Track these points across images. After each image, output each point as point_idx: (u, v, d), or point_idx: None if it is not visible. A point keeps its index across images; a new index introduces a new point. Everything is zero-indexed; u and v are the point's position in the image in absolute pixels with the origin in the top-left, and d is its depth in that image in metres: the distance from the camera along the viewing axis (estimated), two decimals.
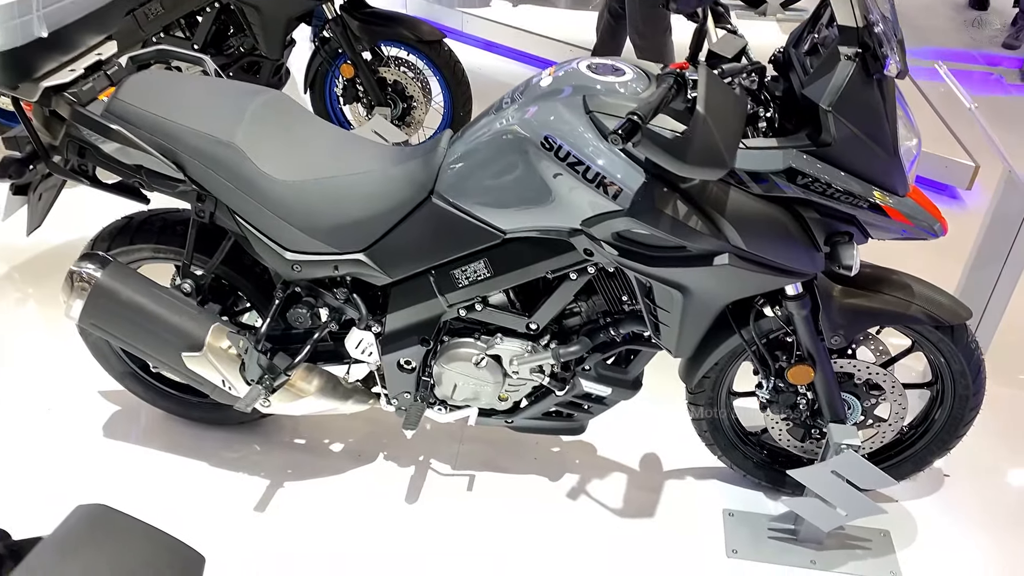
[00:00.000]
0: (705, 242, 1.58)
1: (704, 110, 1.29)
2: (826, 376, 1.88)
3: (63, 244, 3.05)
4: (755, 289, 1.70)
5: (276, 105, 1.88)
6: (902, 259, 2.06)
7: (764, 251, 1.60)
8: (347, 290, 1.91)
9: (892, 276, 1.86)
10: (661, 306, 1.72)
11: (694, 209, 1.56)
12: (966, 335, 1.88)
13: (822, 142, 1.52)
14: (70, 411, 2.39)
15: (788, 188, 1.54)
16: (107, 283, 1.84)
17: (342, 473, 2.25)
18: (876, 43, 1.44)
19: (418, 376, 1.98)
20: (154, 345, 1.89)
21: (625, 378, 1.96)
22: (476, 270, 1.80)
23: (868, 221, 1.62)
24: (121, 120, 1.76)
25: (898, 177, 1.59)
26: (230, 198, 1.79)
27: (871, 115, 1.52)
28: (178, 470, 2.23)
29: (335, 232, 1.80)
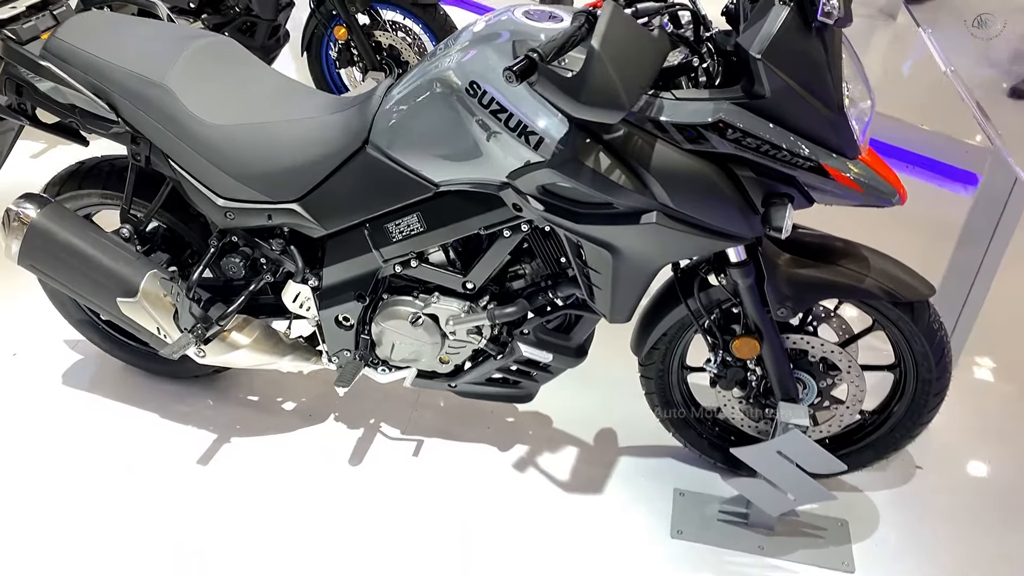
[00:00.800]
0: (630, 198, 1.50)
1: (599, 45, 1.21)
2: (774, 351, 1.78)
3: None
4: (690, 252, 1.61)
5: (218, 49, 1.85)
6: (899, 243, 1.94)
7: (694, 210, 1.51)
8: (283, 241, 1.87)
9: (848, 247, 1.75)
10: (592, 267, 1.65)
11: (618, 163, 1.48)
12: (927, 313, 1.76)
13: (755, 94, 1.42)
14: (34, 357, 2.41)
15: (719, 143, 1.45)
16: (42, 224, 1.84)
17: (290, 432, 2.22)
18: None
19: (356, 333, 1.93)
20: (90, 289, 1.88)
21: (567, 344, 1.89)
22: (410, 224, 1.75)
23: (809, 183, 1.51)
24: (57, 59, 1.75)
25: (845, 137, 1.48)
26: (162, 141, 1.77)
27: (810, 66, 1.42)
28: (129, 420, 2.23)
29: (267, 179, 1.76)
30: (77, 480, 2.05)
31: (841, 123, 1.47)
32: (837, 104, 1.45)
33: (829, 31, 1.43)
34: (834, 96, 1.45)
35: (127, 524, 1.94)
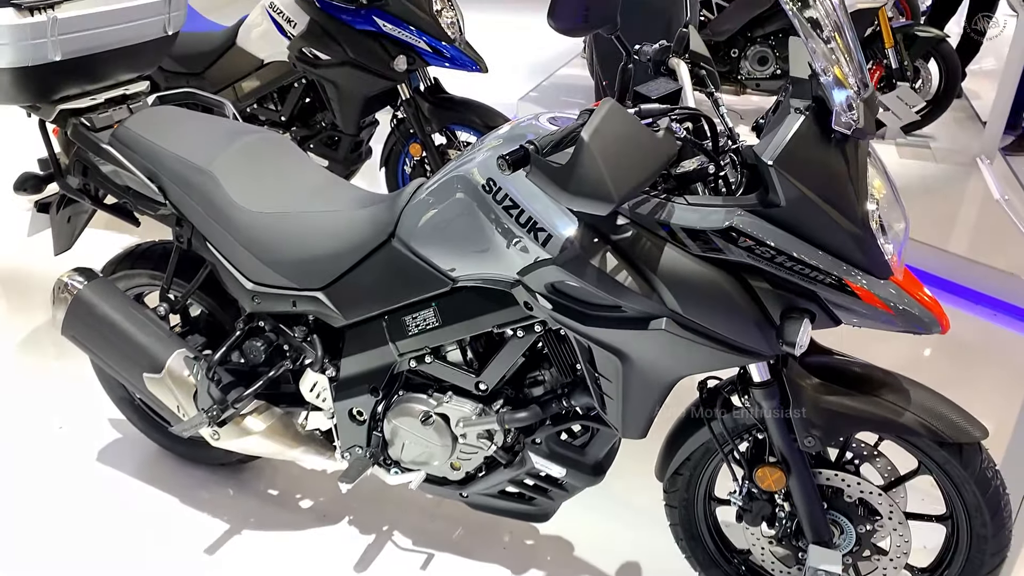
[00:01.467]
0: (639, 302, 1.44)
1: (588, 137, 1.19)
2: (803, 485, 1.63)
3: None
4: (704, 366, 1.52)
5: (268, 143, 1.95)
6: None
7: (706, 320, 1.43)
8: (307, 329, 1.89)
9: (888, 378, 1.61)
10: (602, 374, 1.57)
11: (626, 264, 1.43)
12: (979, 458, 1.58)
13: (770, 202, 1.37)
14: (78, 430, 2.47)
15: (730, 251, 1.39)
16: (87, 296, 1.92)
17: (301, 530, 2.16)
18: (825, 94, 1.31)
19: (369, 429, 1.90)
20: (120, 361, 1.93)
21: (582, 460, 1.79)
22: (426, 318, 1.73)
23: (833, 300, 1.42)
24: (121, 145, 1.88)
25: (871, 254, 1.39)
26: (202, 224, 1.85)
27: (828, 177, 1.36)
28: (151, 502, 2.23)
29: (295, 267, 1.80)
30: (86, 555, 2.04)
31: (867, 239, 1.38)
32: (861, 219, 1.38)
33: (851, 143, 1.38)
34: (857, 210, 1.38)
35: None
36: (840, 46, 1.37)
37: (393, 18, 3.16)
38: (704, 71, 1.67)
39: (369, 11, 3.15)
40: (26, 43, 1.71)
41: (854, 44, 1.43)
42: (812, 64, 1.30)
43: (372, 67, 3.20)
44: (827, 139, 1.35)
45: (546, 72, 5.82)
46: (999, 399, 2.21)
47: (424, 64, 3.27)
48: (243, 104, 3.56)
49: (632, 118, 1.26)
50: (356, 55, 3.18)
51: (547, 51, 6.05)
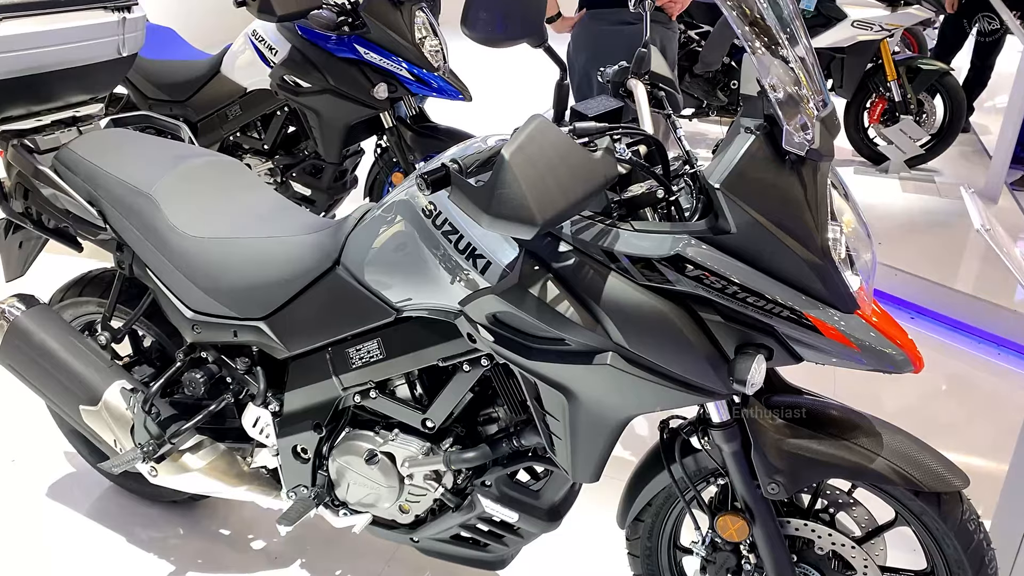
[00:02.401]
0: (581, 335, 1.34)
1: (508, 155, 1.10)
2: (767, 535, 1.50)
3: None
4: (654, 404, 1.41)
5: (218, 167, 1.88)
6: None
7: (653, 355, 1.32)
8: (249, 361, 1.79)
9: (862, 422, 1.49)
10: (549, 412, 1.46)
11: (567, 294, 1.33)
12: (959, 509, 1.45)
13: (719, 228, 1.26)
14: (30, 465, 2.38)
15: (677, 280, 1.28)
16: (24, 324, 1.85)
17: (250, 572, 2.05)
18: (775, 113, 1.21)
19: (313, 467, 1.79)
20: (57, 393, 1.85)
21: (536, 504, 1.67)
22: (370, 350, 1.63)
23: (791, 335, 1.31)
24: (64, 167, 1.82)
25: (832, 286, 1.28)
26: (142, 249, 1.77)
27: (782, 202, 1.25)
28: (98, 540, 2.13)
29: (236, 295, 1.71)
30: None
31: (827, 269, 1.27)
32: (821, 247, 1.27)
33: (809, 166, 1.28)
34: (816, 238, 1.27)
35: None
36: (794, 60, 1.28)
37: (374, 46, 3.11)
38: (663, 92, 1.58)
39: (350, 39, 3.11)
40: None
41: (810, 58, 1.34)
42: (760, 80, 1.21)
43: (353, 95, 3.14)
44: (780, 161, 1.25)
45: (540, 99, 5.77)
46: (992, 441, 2.07)
47: (407, 92, 3.21)
48: (226, 132, 3.52)
49: (563, 136, 1.16)
50: (337, 83, 3.13)
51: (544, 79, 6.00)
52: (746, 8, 1.24)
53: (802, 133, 1.22)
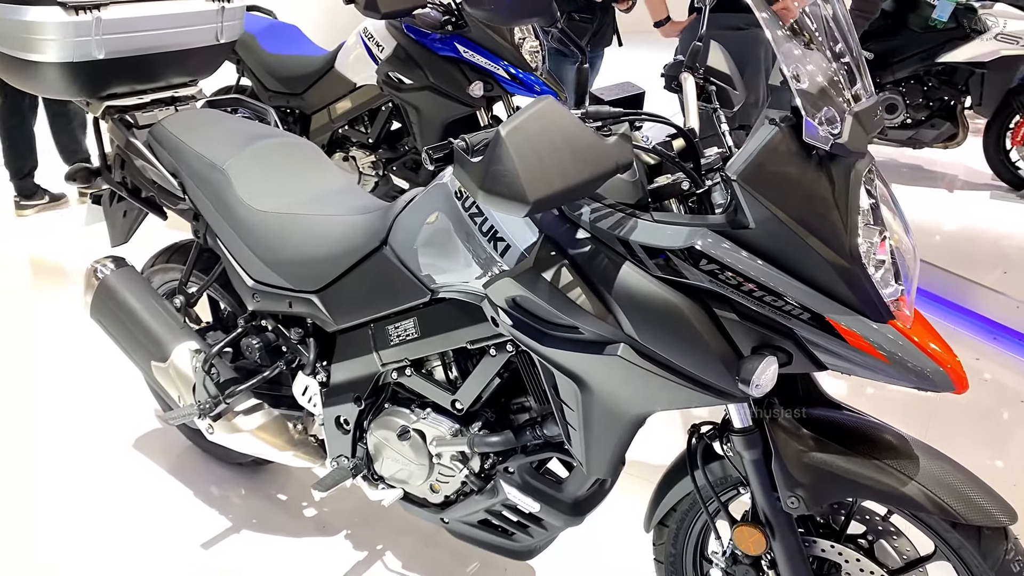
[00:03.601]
0: (594, 324, 1.32)
1: (506, 133, 1.10)
2: (786, 551, 1.43)
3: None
4: (667, 402, 1.37)
5: (291, 148, 1.98)
6: None
7: (664, 349, 1.29)
8: (303, 332, 1.88)
9: (899, 443, 1.39)
10: (565, 401, 1.45)
11: (581, 281, 1.32)
12: (1002, 546, 1.33)
13: (738, 223, 1.22)
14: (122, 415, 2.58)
15: (692, 274, 1.25)
16: (111, 282, 2.01)
17: (297, 537, 2.14)
18: (798, 103, 1.16)
19: (353, 439, 1.85)
20: (134, 347, 2.00)
21: (558, 496, 1.66)
22: (407, 328, 1.68)
23: (813, 340, 1.24)
24: (155, 141, 1.97)
25: (862, 292, 1.21)
26: (213, 220, 1.89)
27: (805, 198, 1.20)
28: (167, 490, 2.29)
29: (292, 268, 1.80)
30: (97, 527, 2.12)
31: (856, 274, 1.20)
32: (849, 250, 1.20)
33: (841, 165, 1.21)
34: (845, 240, 1.20)
35: None
36: (827, 48, 1.22)
37: (475, 45, 3.18)
38: (715, 87, 1.54)
39: (452, 38, 3.20)
40: (70, 40, 1.84)
41: (850, 45, 1.27)
42: (782, 67, 1.16)
43: (450, 92, 3.23)
44: (806, 156, 1.19)
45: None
46: None
47: (504, 92, 3.27)
48: (336, 125, 3.69)
49: (571, 118, 1.16)
50: (435, 80, 3.23)
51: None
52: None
53: (827, 126, 1.16)
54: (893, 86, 4.65)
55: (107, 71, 1.95)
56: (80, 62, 1.88)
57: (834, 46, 1.26)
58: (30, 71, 1.88)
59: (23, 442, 2.47)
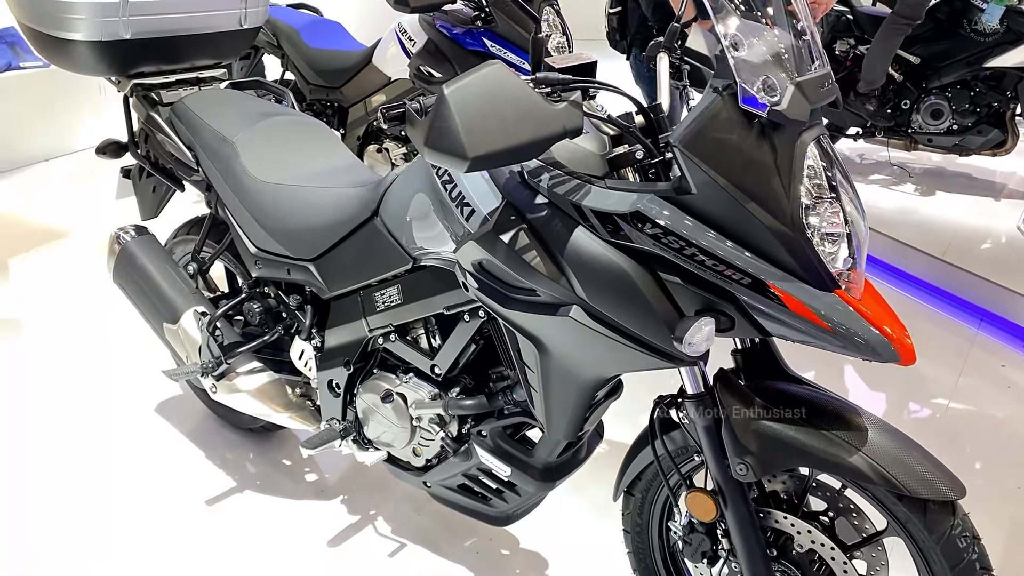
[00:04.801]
0: (548, 286, 1.38)
1: (450, 91, 1.17)
2: (737, 519, 1.45)
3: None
4: (619, 365, 1.41)
5: (301, 125, 2.09)
6: None
7: (612, 311, 1.34)
8: (301, 298, 1.98)
9: (854, 417, 1.40)
10: (526, 363, 1.51)
11: (537, 245, 1.38)
12: (949, 521, 1.33)
13: (681, 188, 1.26)
14: (145, 380, 2.73)
15: (637, 237, 1.29)
16: (131, 248, 2.15)
17: (296, 499, 2.24)
18: (735, 70, 1.19)
19: (344, 402, 1.94)
20: (150, 310, 2.13)
21: (529, 461, 1.71)
22: (391, 295, 1.76)
23: (755, 305, 1.27)
24: (175, 116, 2.10)
25: (808, 261, 1.23)
26: (222, 190, 2.01)
27: (746, 165, 1.22)
28: (180, 450, 2.42)
29: (291, 236, 1.90)
30: (109, 481, 2.26)
31: (797, 242, 1.23)
32: (791, 218, 1.23)
33: (786, 134, 1.24)
34: (786, 207, 1.23)
35: (108, 535, 2.08)
36: (774, 18, 1.26)
37: (501, 39, 3.26)
38: (687, 67, 1.59)
39: (480, 32, 3.29)
40: (98, 19, 1.98)
41: (802, 17, 1.30)
42: (716, 32, 1.20)
43: None
44: (748, 124, 1.23)
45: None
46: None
47: None
48: (371, 118, 3.82)
49: (517, 82, 1.22)
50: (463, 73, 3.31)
51: None
52: None
53: (767, 94, 1.20)
54: (939, 91, 4.55)
55: (134, 51, 2.09)
56: (108, 41, 2.02)
57: (788, 20, 1.29)
58: (62, 49, 2.03)
59: (58, 400, 2.63)
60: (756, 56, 1.23)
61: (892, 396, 2.78)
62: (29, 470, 2.32)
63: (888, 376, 2.84)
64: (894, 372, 2.63)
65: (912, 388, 2.81)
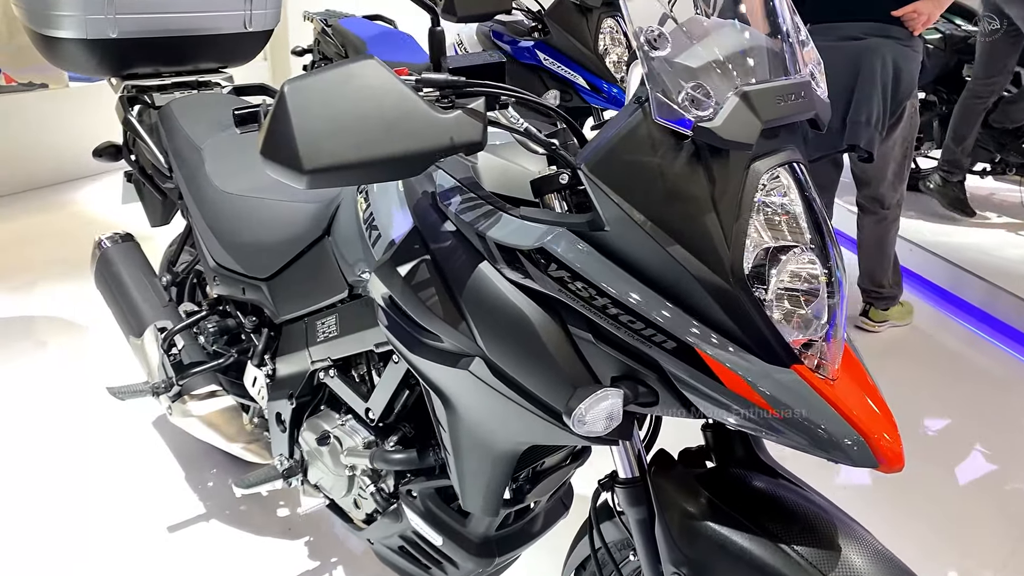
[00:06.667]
0: (445, 331, 1.14)
1: (288, 89, 0.95)
2: None
3: None
4: (527, 434, 1.14)
5: None
6: None
7: (515, 369, 1.08)
8: (257, 320, 1.82)
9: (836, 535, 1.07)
10: (438, 419, 1.27)
11: (438, 280, 1.14)
12: None
13: (594, 223, 0.99)
14: None
15: (540, 279, 1.03)
16: (110, 255, 2.07)
17: (260, 535, 2.08)
18: (646, 74, 0.92)
19: (290, 438, 1.76)
20: (120, 320, 2.04)
21: (461, 531, 1.46)
22: (330, 325, 1.57)
23: (681, 377, 0.98)
24: (159, 121, 2.00)
25: (752, 325, 0.94)
26: (187, 198, 1.88)
27: (671, 197, 0.94)
28: (161, 466, 2.32)
29: (245, 252, 1.74)
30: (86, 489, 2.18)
31: (736, 299, 0.94)
32: (731, 268, 0.94)
33: (730, 161, 0.94)
34: (724, 255, 0.94)
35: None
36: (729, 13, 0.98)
37: (555, 52, 3.04)
38: None
39: (533, 44, 3.08)
40: (85, 17, 1.90)
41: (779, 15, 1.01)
42: (627, 28, 0.93)
43: None
44: (677, 144, 0.95)
45: None
46: None
47: (583, 102, 3.09)
48: None
49: (391, 82, 0.98)
50: None
51: None
52: None
53: (694, 107, 0.91)
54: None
55: (125, 51, 2.01)
56: (95, 40, 1.94)
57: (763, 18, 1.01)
58: (53, 47, 1.97)
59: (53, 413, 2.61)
60: (690, 57, 0.95)
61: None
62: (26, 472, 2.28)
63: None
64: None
65: None
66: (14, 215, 4.31)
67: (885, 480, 2.28)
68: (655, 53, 0.92)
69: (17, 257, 3.79)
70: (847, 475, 2.39)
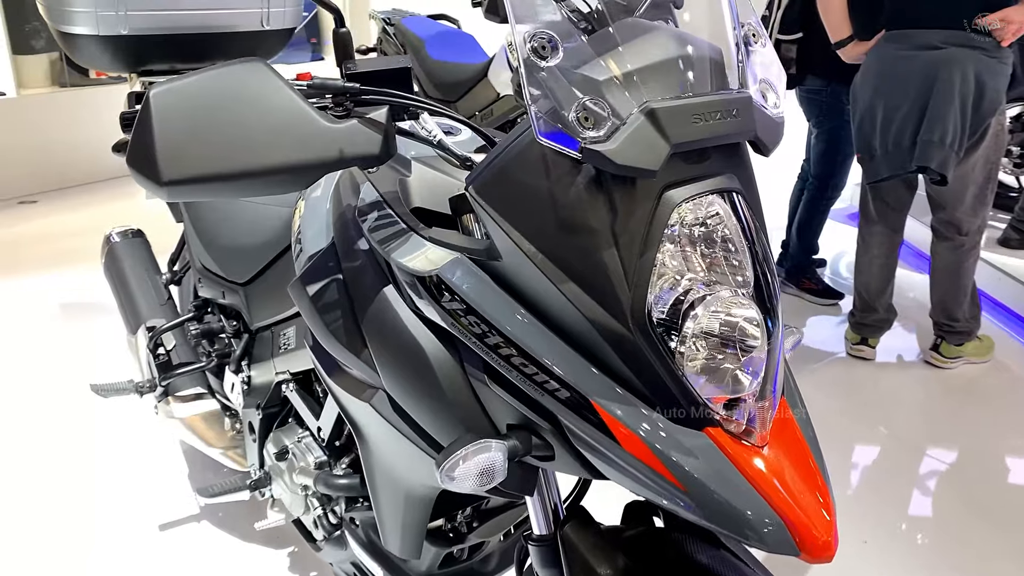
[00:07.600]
0: (347, 358, 1.05)
1: (155, 92, 0.87)
2: None
3: None
4: (426, 476, 1.04)
5: None
6: None
7: (411, 407, 0.98)
8: (238, 325, 1.78)
9: None
10: (359, 448, 1.18)
11: (344, 304, 1.06)
12: None
13: (491, 252, 0.88)
14: None
15: (434, 310, 0.92)
16: (117, 249, 2.08)
17: (247, 541, 2.06)
18: (524, 84, 0.80)
19: (259, 448, 1.71)
20: (122, 314, 2.04)
21: (402, 566, 1.37)
22: (289, 337, 1.51)
23: (575, 431, 0.86)
24: None
25: (653, 375, 0.81)
26: None
27: (566, 227, 0.82)
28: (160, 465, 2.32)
29: (225, 255, 1.71)
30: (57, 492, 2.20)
31: (638, 348, 0.81)
32: (631, 311, 0.81)
33: (639, 186, 0.81)
34: (623, 296, 0.81)
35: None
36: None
37: None
38: None
39: None
40: (97, 13, 1.91)
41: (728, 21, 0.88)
42: (512, 34, 0.81)
43: None
44: (575, 168, 0.82)
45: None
46: None
47: None
48: None
49: (276, 87, 0.89)
50: None
51: None
52: None
53: (586, 126, 0.79)
54: None
55: (138, 47, 2.01)
56: (107, 36, 1.95)
57: None
58: (69, 43, 1.99)
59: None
60: (595, 67, 0.83)
61: None
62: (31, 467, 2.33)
63: None
64: None
65: None
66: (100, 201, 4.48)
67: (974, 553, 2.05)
68: (543, 63, 0.80)
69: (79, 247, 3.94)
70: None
